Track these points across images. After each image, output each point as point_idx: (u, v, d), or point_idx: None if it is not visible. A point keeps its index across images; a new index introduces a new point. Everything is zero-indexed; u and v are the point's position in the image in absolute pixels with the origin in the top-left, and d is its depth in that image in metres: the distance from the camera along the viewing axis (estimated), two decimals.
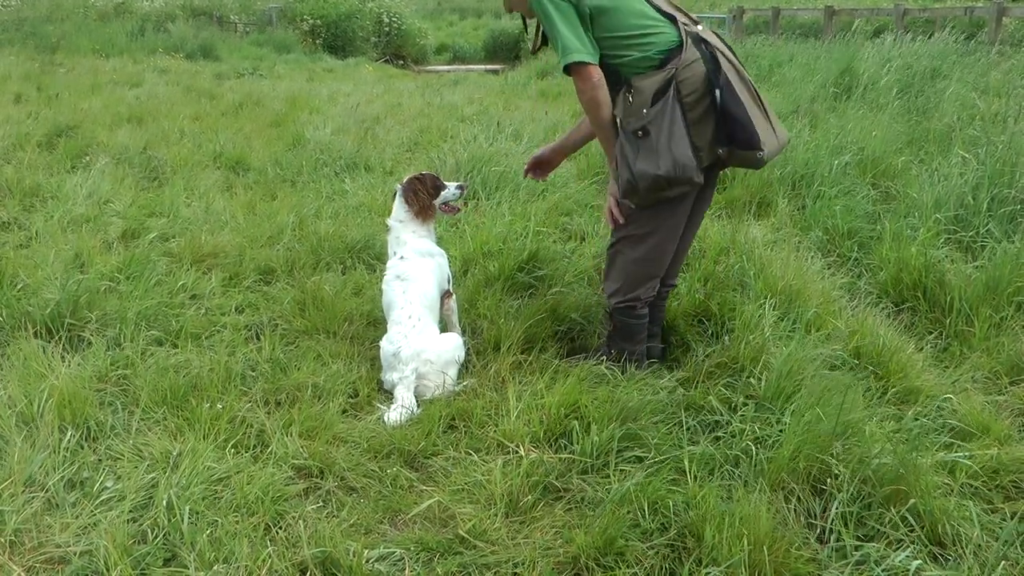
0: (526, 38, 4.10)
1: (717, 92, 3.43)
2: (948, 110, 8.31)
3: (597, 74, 3.54)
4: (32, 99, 11.89)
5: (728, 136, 3.50)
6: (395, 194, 4.30)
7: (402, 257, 4.15)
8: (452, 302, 4.29)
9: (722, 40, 3.71)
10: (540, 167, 4.41)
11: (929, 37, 12.03)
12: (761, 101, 3.58)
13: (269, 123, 10.56)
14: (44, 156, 8.28)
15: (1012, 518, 2.96)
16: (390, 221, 4.29)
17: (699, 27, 3.65)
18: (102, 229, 5.99)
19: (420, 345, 3.84)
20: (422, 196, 4.24)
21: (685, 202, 3.68)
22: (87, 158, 8.08)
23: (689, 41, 3.52)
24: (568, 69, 3.56)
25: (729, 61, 3.55)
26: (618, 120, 3.62)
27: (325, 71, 19.13)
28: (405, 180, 4.31)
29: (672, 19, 3.61)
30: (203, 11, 28.44)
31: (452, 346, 3.96)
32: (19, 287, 4.55)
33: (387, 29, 27.49)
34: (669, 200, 3.61)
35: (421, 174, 4.36)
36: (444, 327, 4.21)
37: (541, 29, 3.80)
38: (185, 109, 11.41)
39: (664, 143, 3.45)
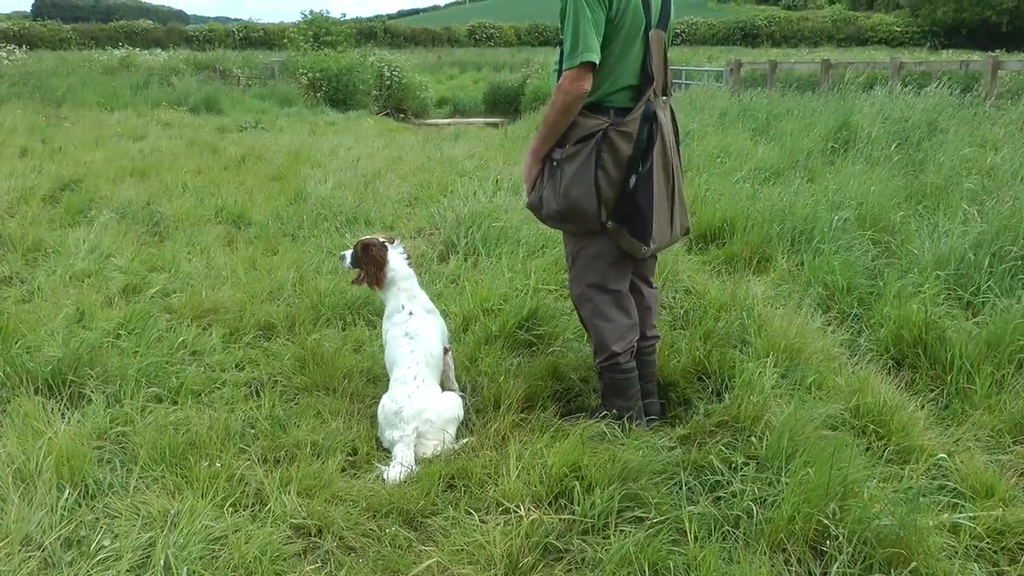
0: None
1: (633, 178, 3.55)
2: (947, 164, 8.35)
3: (590, 85, 3.51)
4: (37, 152, 11.99)
5: (624, 215, 3.60)
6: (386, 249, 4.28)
7: (411, 313, 4.15)
8: (449, 358, 4.30)
9: (673, 121, 3.80)
10: None
11: (919, 90, 12.14)
12: (674, 195, 3.74)
13: (271, 177, 10.64)
14: (47, 210, 8.34)
15: None
16: (397, 275, 4.26)
17: (663, 99, 3.71)
18: (104, 284, 6.02)
19: (421, 404, 3.83)
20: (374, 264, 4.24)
21: (622, 260, 3.80)
22: (90, 212, 8.13)
23: (639, 114, 3.56)
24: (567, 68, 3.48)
25: (665, 144, 3.65)
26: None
27: (327, 124, 19.29)
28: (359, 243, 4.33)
29: (649, 82, 3.60)
30: (207, 64, 28.93)
31: (452, 405, 3.95)
32: (19, 343, 4.54)
33: (388, 82, 27.88)
34: (594, 255, 3.77)
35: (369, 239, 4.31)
36: (442, 382, 4.20)
37: None
38: (188, 163, 11.50)
39: (566, 185, 3.61)
